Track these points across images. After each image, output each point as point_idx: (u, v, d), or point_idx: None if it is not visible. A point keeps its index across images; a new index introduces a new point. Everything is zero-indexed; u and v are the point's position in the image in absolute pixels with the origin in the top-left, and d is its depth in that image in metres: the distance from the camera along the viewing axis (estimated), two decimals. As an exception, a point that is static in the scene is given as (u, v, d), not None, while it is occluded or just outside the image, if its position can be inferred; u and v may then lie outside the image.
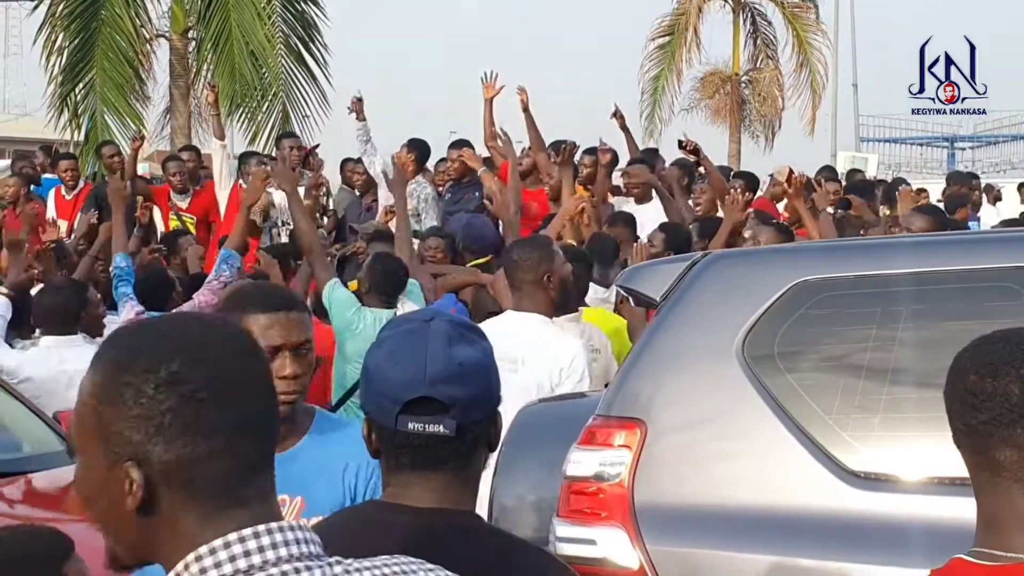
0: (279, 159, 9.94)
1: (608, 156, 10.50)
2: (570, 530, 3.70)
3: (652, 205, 9.40)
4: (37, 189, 12.04)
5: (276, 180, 7.32)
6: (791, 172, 8.46)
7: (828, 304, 3.77)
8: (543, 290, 5.06)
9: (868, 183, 12.97)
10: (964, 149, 35.75)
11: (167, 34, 17.04)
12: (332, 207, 11.39)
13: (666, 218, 8.59)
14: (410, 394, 2.05)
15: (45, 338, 6.47)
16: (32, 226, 8.50)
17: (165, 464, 1.48)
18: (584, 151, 10.07)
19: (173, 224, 10.77)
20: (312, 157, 11.32)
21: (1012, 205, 16.87)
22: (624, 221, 8.40)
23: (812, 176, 10.08)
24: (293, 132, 14.11)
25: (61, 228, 10.44)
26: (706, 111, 28.21)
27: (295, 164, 9.75)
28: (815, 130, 27.64)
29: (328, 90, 16.63)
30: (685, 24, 27.18)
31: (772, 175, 11.96)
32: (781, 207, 10.44)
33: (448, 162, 10.83)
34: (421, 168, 10.60)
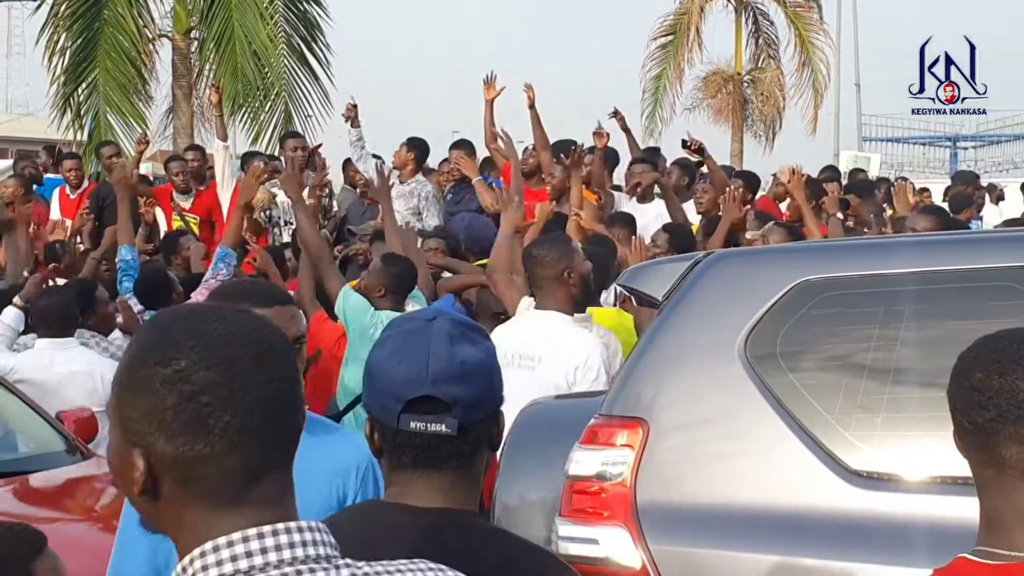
0: (285, 160, 9.93)
1: (604, 140, 10.50)
2: (572, 529, 3.70)
3: (653, 205, 9.40)
4: (40, 189, 12.06)
5: (284, 187, 7.29)
6: (793, 170, 8.45)
7: (830, 304, 3.77)
8: (564, 287, 5.08)
9: (868, 183, 12.94)
10: (967, 149, 35.79)
11: (170, 34, 17.01)
12: (335, 208, 11.36)
13: (668, 218, 8.58)
14: (412, 393, 2.05)
15: (39, 340, 6.45)
16: (27, 225, 8.50)
17: (166, 457, 1.49)
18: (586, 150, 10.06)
19: (176, 224, 10.76)
20: (316, 157, 11.31)
21: (1015, 204, 16.84)
22: (623, 221, 8.39)
23: (814, 176, 10.07)
24: (297, 132, 14.07)
25: (67, 227, 10.43)
26: (708, 111, 28.23)
27: (300, 164, 9.73)
28: (817, 130, 27.66)
29: (331, 90, 16.61)
30: (687, 23, 27.16)
31: (775, 175, 11.96)
32: (784, 207, 10.43)
33: (450, 162, 10.84)
34: (421, 167, 10.59)
